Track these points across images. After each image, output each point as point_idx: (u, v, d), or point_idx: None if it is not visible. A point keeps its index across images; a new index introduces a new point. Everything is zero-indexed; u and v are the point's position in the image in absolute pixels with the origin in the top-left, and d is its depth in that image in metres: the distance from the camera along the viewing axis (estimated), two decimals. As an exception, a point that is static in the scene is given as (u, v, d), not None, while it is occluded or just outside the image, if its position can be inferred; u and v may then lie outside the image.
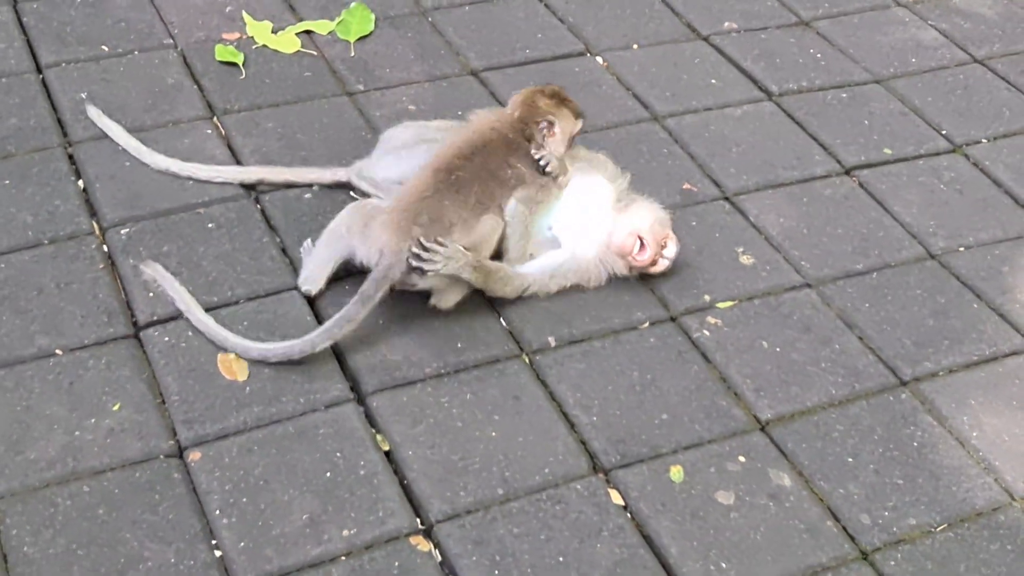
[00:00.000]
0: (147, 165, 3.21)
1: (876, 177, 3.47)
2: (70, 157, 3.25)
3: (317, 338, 2.73)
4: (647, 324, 2.96)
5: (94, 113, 3.31)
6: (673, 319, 2.98)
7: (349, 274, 2.92)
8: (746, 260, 3.15)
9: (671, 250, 3.01)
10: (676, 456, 2.66)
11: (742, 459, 2.67)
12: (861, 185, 3.44)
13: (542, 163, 2.94)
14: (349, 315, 2.73)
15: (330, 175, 3.22)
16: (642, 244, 2.95)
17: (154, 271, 2.87)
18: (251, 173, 3.21)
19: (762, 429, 2.75)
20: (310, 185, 3.20)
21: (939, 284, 3.16)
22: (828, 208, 3.35)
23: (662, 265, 3.01)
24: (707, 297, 3.04)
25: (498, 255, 2.93)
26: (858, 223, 3.31)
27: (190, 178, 3.19)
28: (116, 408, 2.64)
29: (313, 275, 2.91)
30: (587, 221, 3.00)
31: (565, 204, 3.01)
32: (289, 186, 3.21)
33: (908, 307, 3.08)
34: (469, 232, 2.81)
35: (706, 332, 2.95)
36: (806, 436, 2.73)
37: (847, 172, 3.48)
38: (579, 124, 3.08)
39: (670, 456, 2.66)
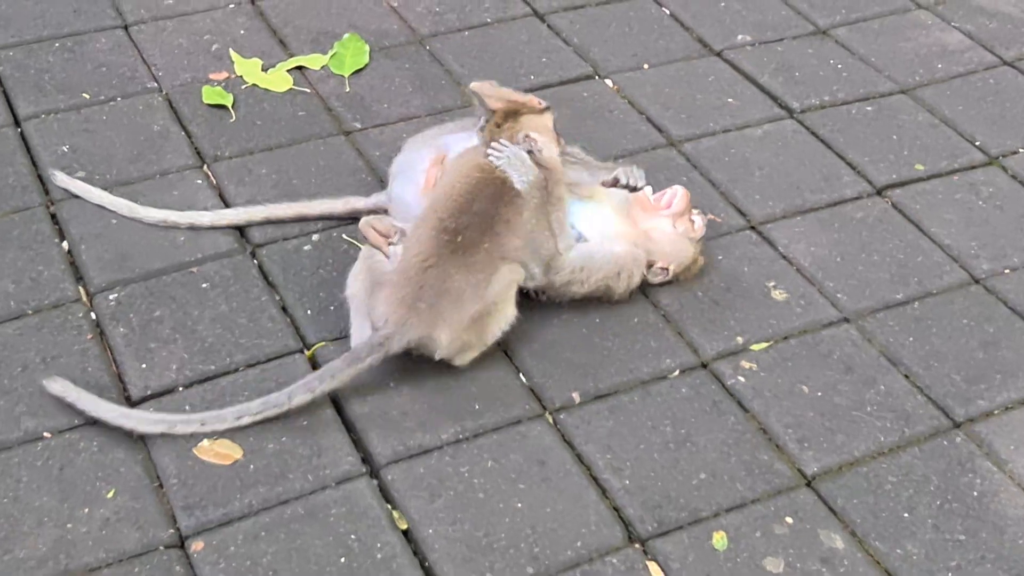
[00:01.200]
0: (140, 222, 3.01)
1: (910, 196, 3.26)
2: (52, 216, 3.05)
3: (295, 390, 2.54)
4: (677, 372, 2.75)
5: (62, 179, 3.09)
6: (705, 365, 2.78)
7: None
8: (778, 295, 2.95)
9: (699, 220, 2.95)
10: (718, 520, 2.46)
11: (789, 520, 2.46)
12: (894, 206, 3.24)
13: (493, 159, 2.73)
14: (332, 370, 2.56)
15: (342, 205, 3.05)
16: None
17: (62, 387, 2.58)
18: (256, 213, 3.03)
19: (808, 484, 2.54)
20: (316, 221, 3.03)
21: (986, 311, 2.95)
22: (861, 233, 3.14)
23: (699, 225, 2.93)
24: (740, 339, 2.83)
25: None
26: (894, 248, 3.10)
27: (191, 226, 3.00)
28: (110, 495, 2.44)
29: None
30: (611, 219, 2.86)
31: (585, 205, 2.86)
32: (300, 220, 3.04)
33: (955, 339, 2.87)
34: (482, 295, 2.62)
35: (741, 378, 2.74)
36: (856, 490, 2.53)
37: (879, 192, 3.28)
38: (547, 115, 2.87)
39: (711, 520, 2.46)
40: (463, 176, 2.72)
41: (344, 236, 3.01)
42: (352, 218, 3.02)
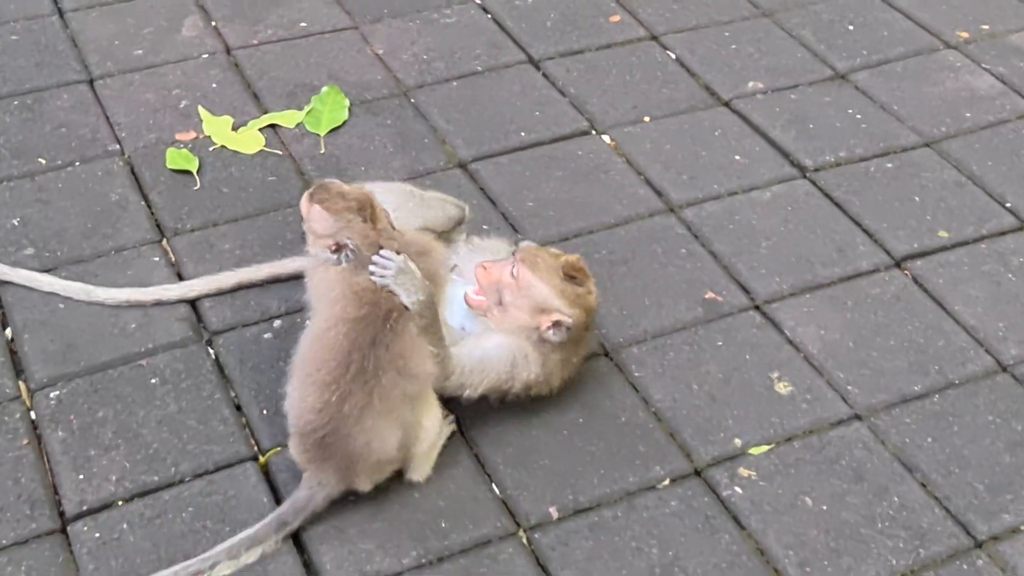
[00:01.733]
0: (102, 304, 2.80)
1: (932, 269, 2.98)
2: (-4, 300, 2.84)
3: (218, 555, 2.27)
4: (667, 482, 2.49)
5: (4, 272, 2.84)
6: (698, 472, 2.51)
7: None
8: (782, 388, 2.67)
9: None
10: (706, 664, 2.20)
11: (786, 663, 2.20)
12: (915, 280, 2.95)
13: (377, 279, 2.36)
14: (259, 536, 2.30)
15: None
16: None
17: None
18: (223, 280, 2.84)
19: (810, 618, 2.28)
20: (279, 306, 2.80)
21: (1014, 405, 2.66)
22: (877, 313, 2.86)
23: (521, 279, 2.47)
24: (738, 441, 2.56)
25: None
26: (913, 331, 2.82)
27: (158, 302, 2.79)
28: (34, 631, 2.22)
29: None
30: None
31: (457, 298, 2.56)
32: (274, 281, 2.83)
33: (978, 439, 2.59)
34: (391, 444, 2.34)
35: (738, 488, 2.48)
36: (864, 626, 2.26)
37: (897, 264, 2.99)
38: (373, 218, 2.43)
39: (699, 664, 2.20)
40: (335, 328, 2.34)
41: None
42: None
